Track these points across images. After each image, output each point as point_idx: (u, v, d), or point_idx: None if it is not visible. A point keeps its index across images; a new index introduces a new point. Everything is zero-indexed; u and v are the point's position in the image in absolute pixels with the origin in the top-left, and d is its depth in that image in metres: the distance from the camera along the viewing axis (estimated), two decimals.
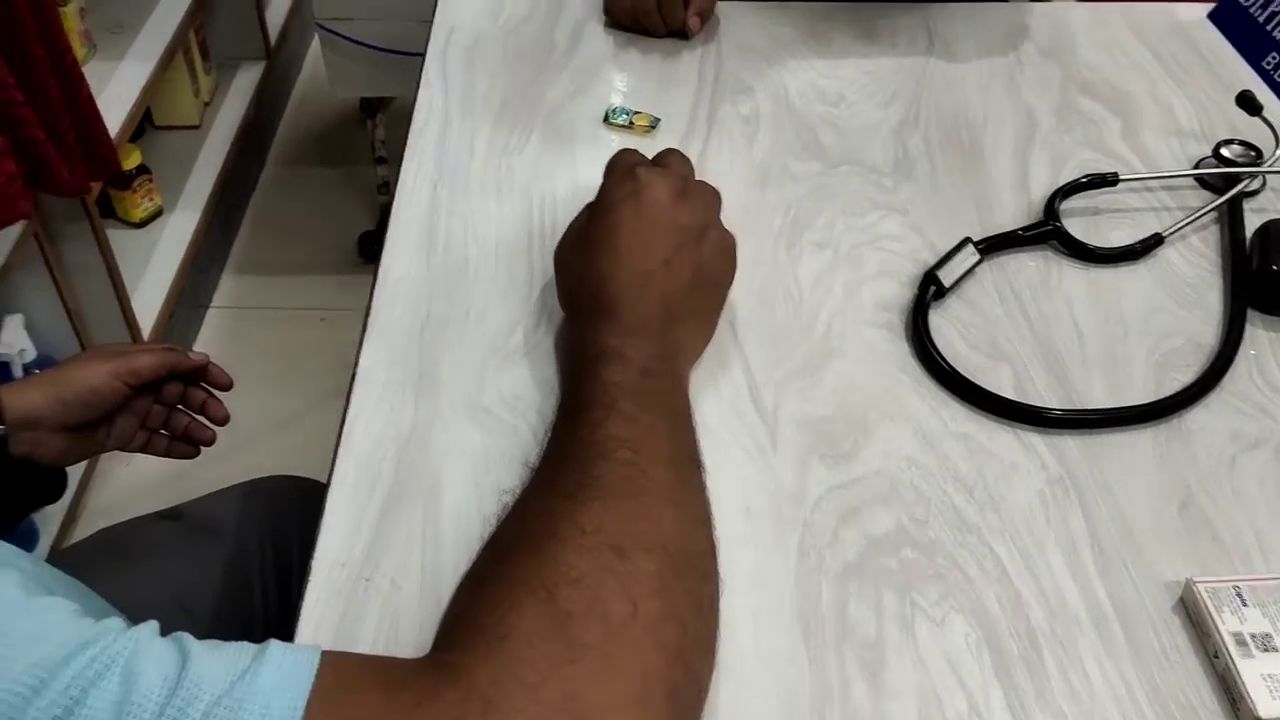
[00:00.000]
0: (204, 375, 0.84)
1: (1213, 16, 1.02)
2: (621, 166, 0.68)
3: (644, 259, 0.62)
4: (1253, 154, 0.83)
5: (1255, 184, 0.82)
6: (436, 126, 0.87)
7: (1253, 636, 0.53)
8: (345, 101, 2.33)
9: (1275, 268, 0.72)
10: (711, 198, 0.69)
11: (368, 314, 0.71)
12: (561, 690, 0.42)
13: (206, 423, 0.86)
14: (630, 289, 0.61)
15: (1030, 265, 0.77)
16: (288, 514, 0.88)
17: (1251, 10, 0.98)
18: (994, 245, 0.77)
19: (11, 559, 0.45)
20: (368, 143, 2.00)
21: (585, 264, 0.64)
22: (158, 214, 1.89)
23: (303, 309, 2.01)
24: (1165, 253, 0.78)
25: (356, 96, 2.04)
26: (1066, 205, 0.81)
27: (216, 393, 0.85)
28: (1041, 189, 0.82)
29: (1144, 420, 0.66)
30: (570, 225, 0.69)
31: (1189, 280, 0.76)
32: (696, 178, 0.70)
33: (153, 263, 1.82)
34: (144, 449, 0.84)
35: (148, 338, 1.68)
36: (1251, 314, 0.73)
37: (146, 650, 0.39)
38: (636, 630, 0.44)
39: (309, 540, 0.58)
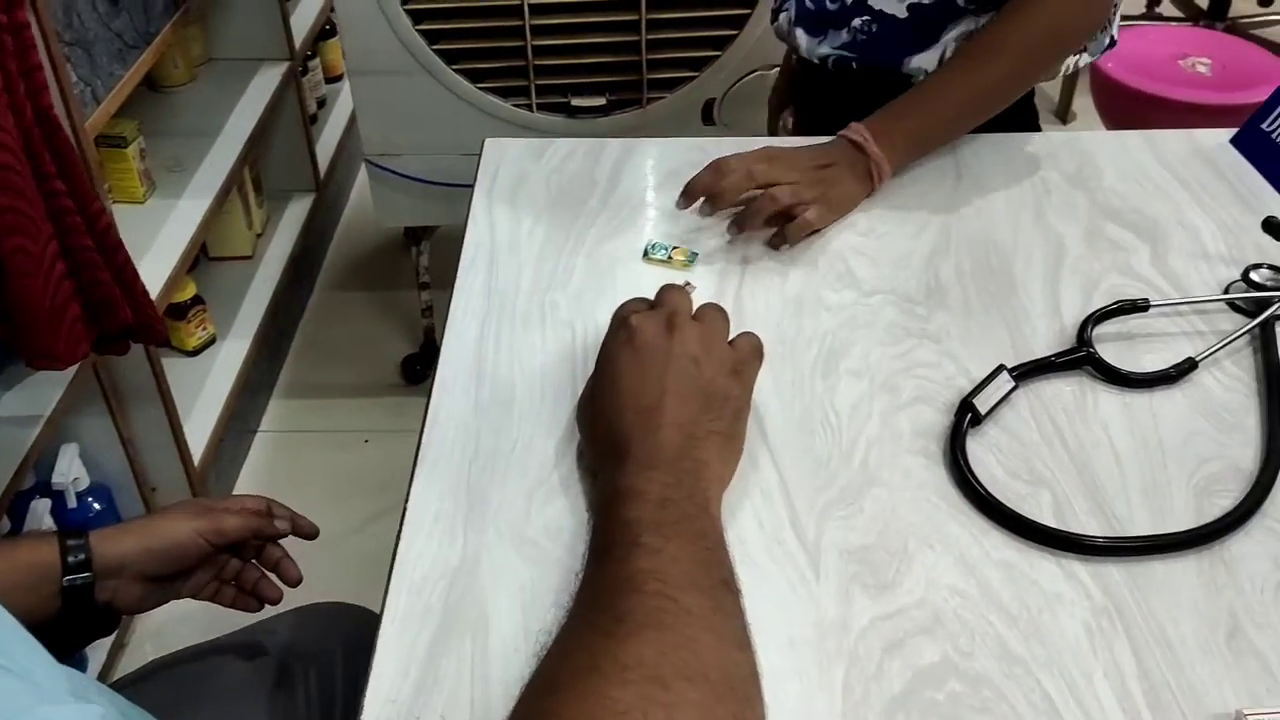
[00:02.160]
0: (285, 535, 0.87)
1: (1235, 141, 1.05)
2: (616, 318, 0.72)
3: (645, 395, 0.66)
4: None
5: None
6: (484, 263, 0.91)
7: None
8: (390, 229, 2.40)
9: None
10: (712, 321, 0.72)
11: (419, 447, 0.73)
12: None
13: (277, 581, 0.87)
14: (636, 426, 0.65)
15: (1065, 391, 0.78)
16: (336, 639, 0.89)
17: (1274, 136, 1.00)
18: (1028, 372, 0.78)
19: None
20: (411, 268, 2.06)
21: (595, 413, 0.69)
22: (211, 342, 1.95)
23: (347, 431, 2.05)
24: (1200, 377, 0.79)
25: (403, 226, 2.11)
26: (1099, 331, 0.82)
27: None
28: (1073, 315, 0.84)
29: (1187, 547, 0.66)
30: (585, 387, 0.73)
31: (1225, 404, 0.77)
32: (729, 309, 0.73)
33: (205, 390, 1.86)
34: (213, 598, 0.86)
35: (198, 464, 1.71)
36: None
37: None
38: None
39: (355, 666, 0.59)
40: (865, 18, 1.06)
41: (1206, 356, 0.79)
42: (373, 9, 1.64)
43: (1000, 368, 0.77)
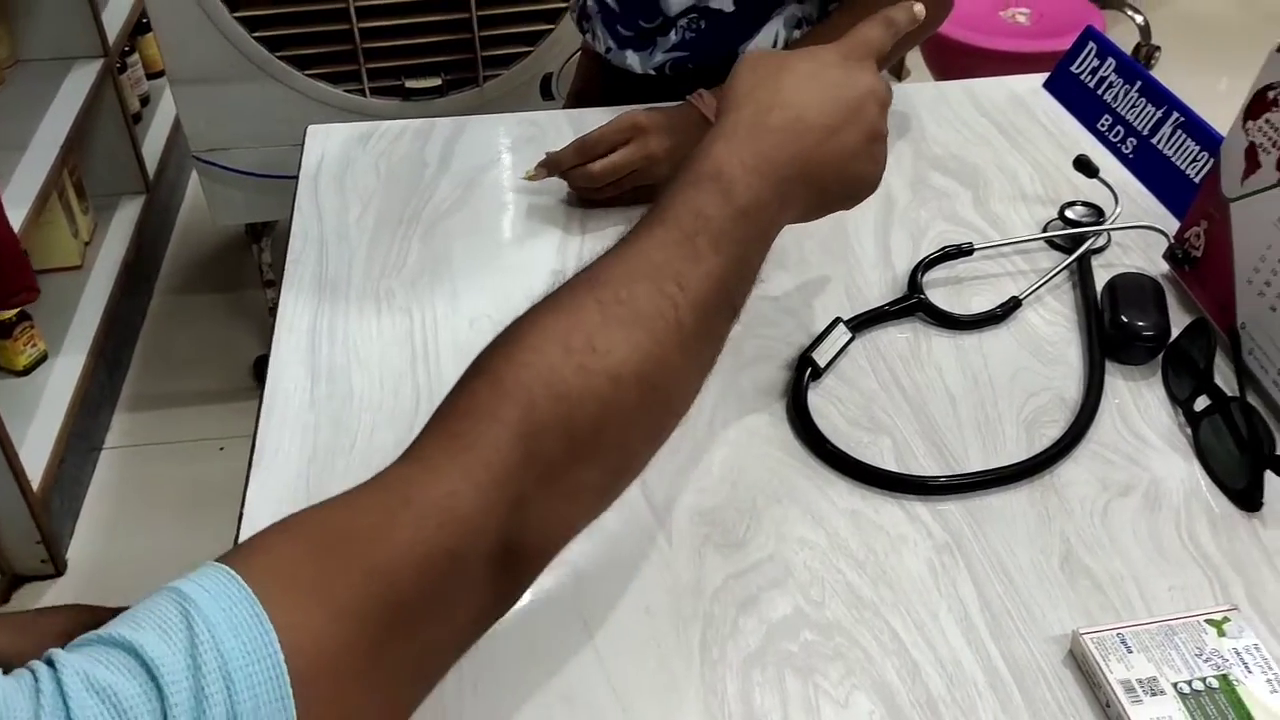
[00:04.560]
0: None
1: (1048, 85, 1.09)
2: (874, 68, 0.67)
3: (824, 115, 0.62)
4: (1095, 213, 0.88)
5: (1100, 241, 0.87)
6: (313, 254, 0.88)
7: (1139, 682, 0.55)
8: (230, 227, 2.31)
9: (1125, 320, 0.76)
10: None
11: (252, 451, 0.71)
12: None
13: None
14: (792, 126, 0.61)
15: (900, 338, 0.80)
16: None
17: (1082, 77, 1.04)
18: (864, 322, 0.80)
19: None
20: (255, 266, 1.99)
21: (775, 78, 0.63)
22: (42, 359, 1.84)
23: (200, 440, 1.97)
24: (1024, 314, 0.81)
25: (239, 223, 2.04)
26: (929, 277, 0.84)
27: None
28: (904, 263, 0.86)
29: (1020, 479, 0.68)
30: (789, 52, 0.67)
31: (1049, 338, 0.80)
32: (568, 274, 0.72)
33: (40, 410, 1.76)
34: None
35: (38, 488, 1.62)
36: (1110, 365, 0.76)
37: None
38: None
39: None
40: (691, 16, 1.04)
41: (1029, 294, 0.82)
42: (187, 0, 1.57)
43: (836, 320, 0.78)
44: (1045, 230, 0.89)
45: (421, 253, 0.88)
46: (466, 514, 0.46)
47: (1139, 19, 3.10)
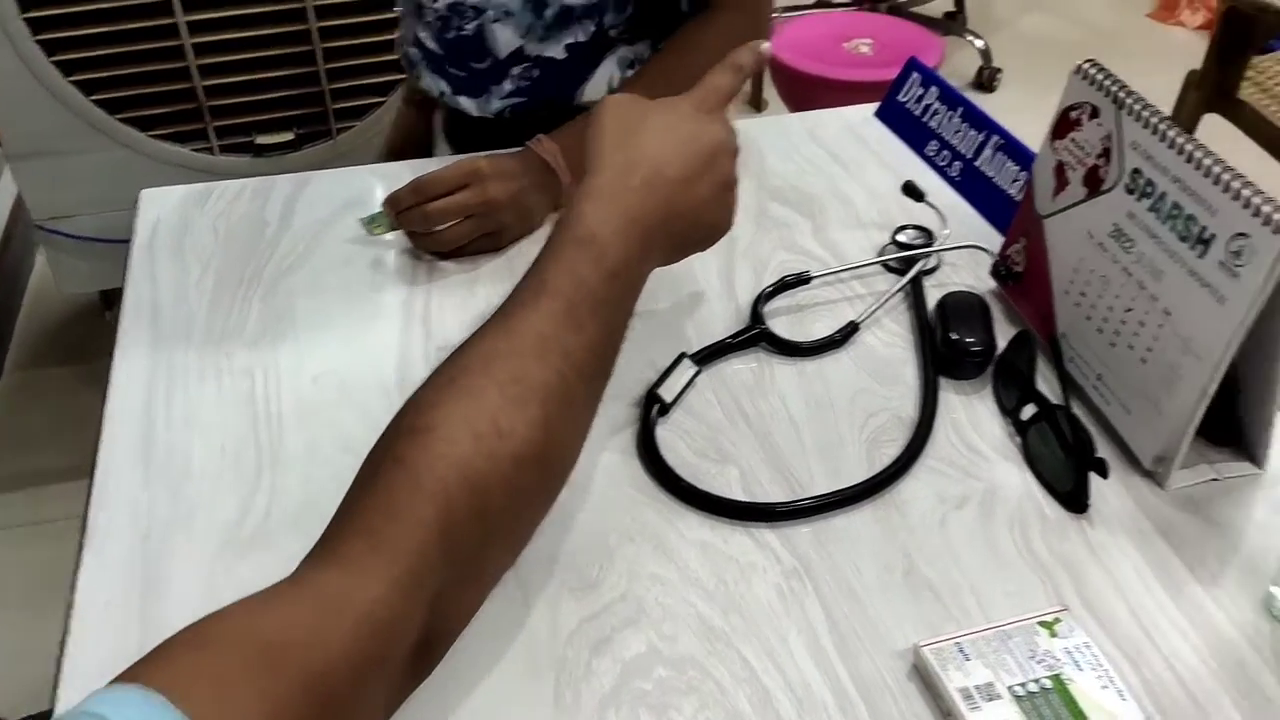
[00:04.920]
0: None
1: (879, 114, 1.13)
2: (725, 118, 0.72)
3: (681, 168, 0.67)
4: (926, 236, 0.92)
5: (932, 263, 0.90)
6: (146, 323, 0.86)
7: (977, 688, 0.57)
8: (81, 295, 2.23)
9: (954, 337, 0.79)
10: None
11: (82, 534, 0.68)
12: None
13: None
14: (652, 182, 0.65)
15: (745, 369, 0.81)
16: None
17: (908, 106, 1.09)
18: (709, 355, 0.81)
19: None
20: (109, 334, 1.92)
21: (636, 134, 0.67)
22: None
23: (58, 520, 1.88)
24: (863, 337, 0.84)
25: (89, 291, 1.97)
26: (771, 307, 0.86)
27: None
28: (748, 296, 0.88)
29: (862, 499, 0.70)
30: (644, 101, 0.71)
31: (886, 360, 0.82)
32: (417, 324, 0.76)
33: None
34: None
35: None
36: (944, 382, 0.79)
37: None
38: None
39: None
40: (524, 65, 1.04)
41: (866, 317, 0.84)
42: (13, 62, 1.52)
43: (682, 355, 0.79)
44: (881, 255, 0.92)
45: (263, 312, 0.87)
46: (393, 619, 0.49)
47: (979, 43, 3.25)
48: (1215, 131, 2.04)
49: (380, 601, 0.48)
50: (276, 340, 0.84)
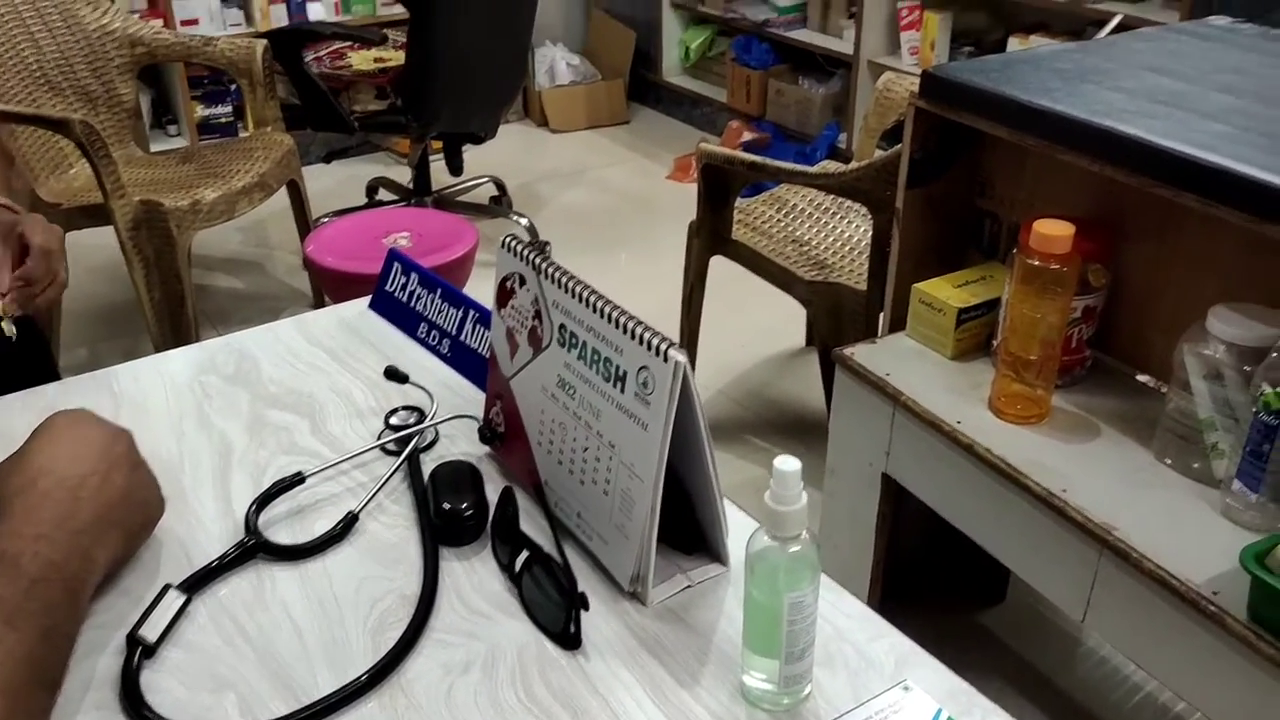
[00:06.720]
0: None
1: (372, 306, 1.16)
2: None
3: (79, 465, 0.70)
4: (419, 414, 0.95)
5: (428, 438, 0.93)
6: None
7: None
8: None
9: (446, 506, 0.82)
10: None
11: None
12: None
13: None
14: (62, 486, 0.68)
15: (244, 584, 0.78)
16: None
17: (395, 294, 1.13)
18: (199, 580, 0.77)
19: None
20: None
21: (17, 458, 0.70)
22: None
23: None
24: (365, 525, 0.84)
25: None
26: (270, 514, 0.85)
27: None
28: (245, 507, 0.85)
29: (369, 689, 0.69)
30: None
31: (390, 542, 0.83)
32: None
33: None
34: None
35: None
36: (446, 551, 0.81)
37: None
38: None
39: None
40: None
41: (364, 505, 0.85)
42: None
43: (166, 587, 0.75)
44: (378, 439, 0.94)
45: None
46: None
47: (524, 221, 3.48)
48: (726, 272, 2.31)
49: None
50: None
